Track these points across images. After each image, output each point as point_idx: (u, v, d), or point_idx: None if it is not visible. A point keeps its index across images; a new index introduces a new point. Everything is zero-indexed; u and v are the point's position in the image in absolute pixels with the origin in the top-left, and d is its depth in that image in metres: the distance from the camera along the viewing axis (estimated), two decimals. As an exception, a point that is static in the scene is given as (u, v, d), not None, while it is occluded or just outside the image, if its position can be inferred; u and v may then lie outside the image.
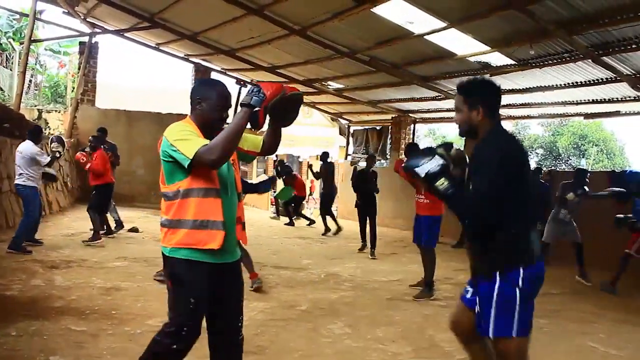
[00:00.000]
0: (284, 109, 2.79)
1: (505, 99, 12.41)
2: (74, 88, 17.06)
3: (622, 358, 4.68)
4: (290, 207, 14.31)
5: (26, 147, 7.72)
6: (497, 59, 9.77)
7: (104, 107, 15.98)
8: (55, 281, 5.92)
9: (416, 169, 2.70)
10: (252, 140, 3.06)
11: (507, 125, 28.33)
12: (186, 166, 2.62)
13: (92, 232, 8.42)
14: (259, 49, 12.81)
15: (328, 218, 12.62)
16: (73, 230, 9.19)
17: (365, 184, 9.63)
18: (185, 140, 2.64)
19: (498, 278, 2.60)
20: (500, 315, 2.60)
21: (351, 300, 6.03)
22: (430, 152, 2.75)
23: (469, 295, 2.88)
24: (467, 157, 3.04)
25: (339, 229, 12.36)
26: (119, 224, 9.67)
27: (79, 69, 15.77)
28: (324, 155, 13.39)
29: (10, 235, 7.70)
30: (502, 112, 13.63)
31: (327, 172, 13.08)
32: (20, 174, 7.62)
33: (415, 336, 4.84)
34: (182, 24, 13.13)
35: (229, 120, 2.84)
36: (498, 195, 2.55)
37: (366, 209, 9.60)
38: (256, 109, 2.66)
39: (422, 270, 8.11)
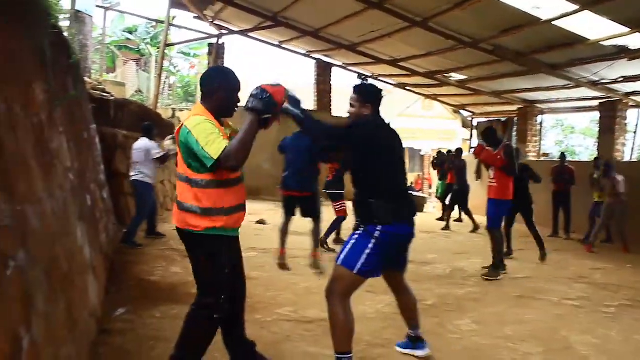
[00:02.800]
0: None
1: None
2: (203, 88, 18.02)
3: None
4: (453, 204, 12.63)
5: (141, 143, 7.86)
6: (637, 40, 9.04)
7: (231, 104, 16.71)
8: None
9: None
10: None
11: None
12: (209, 166, 2.83)
13: None
14: (380, 42, 12.82)
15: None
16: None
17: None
18: (212, 142, 2.81)
19: (361, 228, 3.42)
20: (352, 252, 3.36)
21: (478, 297, 5.88)
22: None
23: None
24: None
25: (475, 227, 11.64)
26: None
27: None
28: (459, 151, 12.66)
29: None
30: (642, 99, 12.66)
31: (460, 168, 12.41)
32: (137, 170, 7.73)
33: (548, 337, 4.62)
34: (304, 21, 13.44)
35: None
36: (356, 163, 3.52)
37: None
38: (267, 115, 2.96)
39: (548, 267, 7.79)
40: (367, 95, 3.61)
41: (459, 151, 12.62)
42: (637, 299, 6.25)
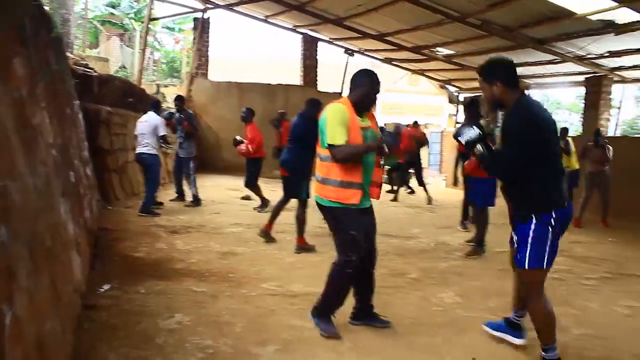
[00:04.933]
0: None
1: (635, 60, 11.48)
2: (188, 63, 17.90)
3: None
4: (395, 174, 13.73)
5: (151, 117, 8.23)
6: (624, 15, 8.98)
7: (217, 79, 16.60)
8: (177, 245, 6.32)
9: (459, 137, 3.40)
10: None
11: (632, 89, 26.17)
12: (324, 147, 3.60)
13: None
14: (367, 16, 12.73)
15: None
16: (190, 198, 9.65)
17: None
18: (334, 130, 3.54)
19: (534, 220, 3.18)
20: (535, 250, 3.19)
21: (461, 270, 5.95)
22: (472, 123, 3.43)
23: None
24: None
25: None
26: (196, 200, 9.51)
27: (193, 44, 16.48)
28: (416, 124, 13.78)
29: (136, 202, 8.33)
30: (628, 74, 12.71)
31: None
32: (145, 143, 8.10)
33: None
34: (290, -5, 13.29)
35: None
36: (522, 158, 3.13)
37: None
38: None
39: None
40: (488, 73, 3.39)
41: (416, 124, 13.75)
42: (618, 271, 6.35)
